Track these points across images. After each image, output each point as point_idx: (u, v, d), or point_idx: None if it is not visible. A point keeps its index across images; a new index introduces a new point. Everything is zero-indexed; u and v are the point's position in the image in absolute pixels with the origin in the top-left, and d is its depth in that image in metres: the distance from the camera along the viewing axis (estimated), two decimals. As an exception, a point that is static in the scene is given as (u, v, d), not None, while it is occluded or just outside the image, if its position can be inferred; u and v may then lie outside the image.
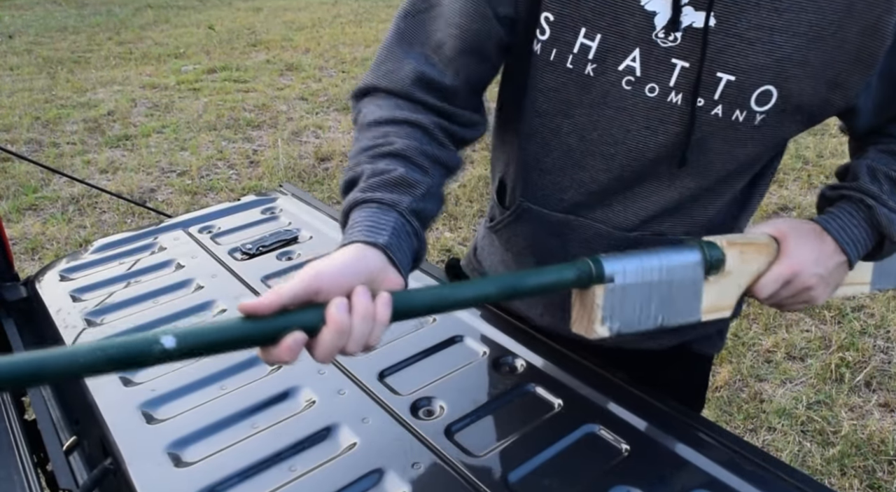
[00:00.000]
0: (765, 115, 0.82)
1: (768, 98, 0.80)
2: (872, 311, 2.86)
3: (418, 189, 0.77)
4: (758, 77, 0.79)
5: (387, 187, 0.76)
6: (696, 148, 0.85)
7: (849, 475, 2.10)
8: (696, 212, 0.93)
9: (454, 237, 3.46)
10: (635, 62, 0.82)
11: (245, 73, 6.50)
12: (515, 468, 0.82)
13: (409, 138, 0.81)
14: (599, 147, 0.89)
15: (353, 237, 0.72)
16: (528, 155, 0.95)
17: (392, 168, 0.77)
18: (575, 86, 0.85)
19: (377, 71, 0.88)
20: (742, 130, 0.83)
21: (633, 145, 0.87)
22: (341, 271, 0.67)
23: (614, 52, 0.82)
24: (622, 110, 0.85)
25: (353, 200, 0.76)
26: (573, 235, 0.97)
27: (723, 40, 0.78)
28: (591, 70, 0.84)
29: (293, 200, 1.59)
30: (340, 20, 8.93)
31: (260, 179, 4.26)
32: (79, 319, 1.16)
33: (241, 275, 1.27)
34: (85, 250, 1.42)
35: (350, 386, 0.97)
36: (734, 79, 0.79)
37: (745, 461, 0.82)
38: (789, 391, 2.44)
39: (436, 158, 0.82)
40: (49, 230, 3.62)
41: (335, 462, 0.84)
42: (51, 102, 5.67)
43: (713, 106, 0.81)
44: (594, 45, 0.82)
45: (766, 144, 0.86)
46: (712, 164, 0.87)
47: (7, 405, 1.06)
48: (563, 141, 0.91)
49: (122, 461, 0.86)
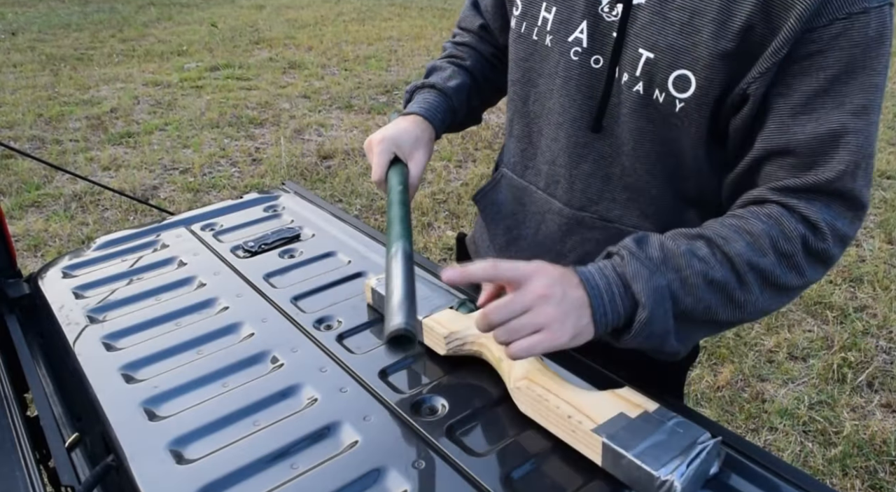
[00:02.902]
0: (684, 103, 0.82)
1: (687, 84, 0.81)
2: (875, 311, 2.85)
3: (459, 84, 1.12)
4: (674, 58, 0.80)
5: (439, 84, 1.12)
6: (616, 121, 0.89)
7: (850, 476, 2.10)
8: (642, 202, 0.94)
9: (456, 235, 3.46)
10: (583, 34, 0.87)
11: (248, 71, 6.51)
12: (517, 467, 0.82)
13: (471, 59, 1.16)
14: (553, 116, 0.94)
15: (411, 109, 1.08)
16: (508, 123, 1.06)
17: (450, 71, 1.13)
18: (538, 56, 0.93)
19: (461, 16, 1.21)
20: (661, 112, 0.84)
21: (576, 115, 0.91)
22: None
23: (566, 24, 0.88)
24: (569, 80, 0.90)
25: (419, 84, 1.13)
26: (531, 206, 1.02)
27: (648, 17, 0.81)
28: (549, 41, 0.91)
29: (295, 197, 1.59)
30: (343, 18, 8.93)
31: (262, 176, 4.26)
32: (81, 315, 1.16)
33: (244, 272, 1.27)
34: (87, 247, 1.42)
35: (352, 384, 0.97)
36: (653, 57, 0.82)
37: (746, 461, 0.82)
38: (791, 391, 2.44)
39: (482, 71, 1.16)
40: (52, 227, 3.62)
41: (337, 460, 0.84)
42: (54, 99, 5.68)
43: (635, 82, 0.84)
44: (551, 17, 0.90)
45: (689, 136, 0.85)
46: (634, 141, 0.88)
47: (9, 402, 1.06)
48: (529, 109, 0.98)
49: (125, 458, 0.86)
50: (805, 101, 0.77)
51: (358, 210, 3.85)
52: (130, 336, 1.11)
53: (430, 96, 1.10)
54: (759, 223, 0.80)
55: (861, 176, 0.79)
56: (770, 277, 0.80)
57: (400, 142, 1.03)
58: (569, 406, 0.83)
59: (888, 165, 4.16)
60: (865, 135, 0.78)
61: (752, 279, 0.80)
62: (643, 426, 0.79)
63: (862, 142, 0.78)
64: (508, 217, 1.09)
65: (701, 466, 0.75)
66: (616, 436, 0.77)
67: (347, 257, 1.32)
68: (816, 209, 0.80)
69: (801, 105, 0.78)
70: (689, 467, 0.74)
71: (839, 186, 0.79)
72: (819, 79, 0.76)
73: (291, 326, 1.11)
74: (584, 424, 0.80)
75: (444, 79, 1.12)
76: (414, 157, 1.03)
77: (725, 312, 0.81)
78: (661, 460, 0.74)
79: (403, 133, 1.04)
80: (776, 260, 0.80)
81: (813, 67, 0.76)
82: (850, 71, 0.76)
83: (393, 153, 1.03)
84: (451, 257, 3.29)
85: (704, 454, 0.75)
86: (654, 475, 0.73)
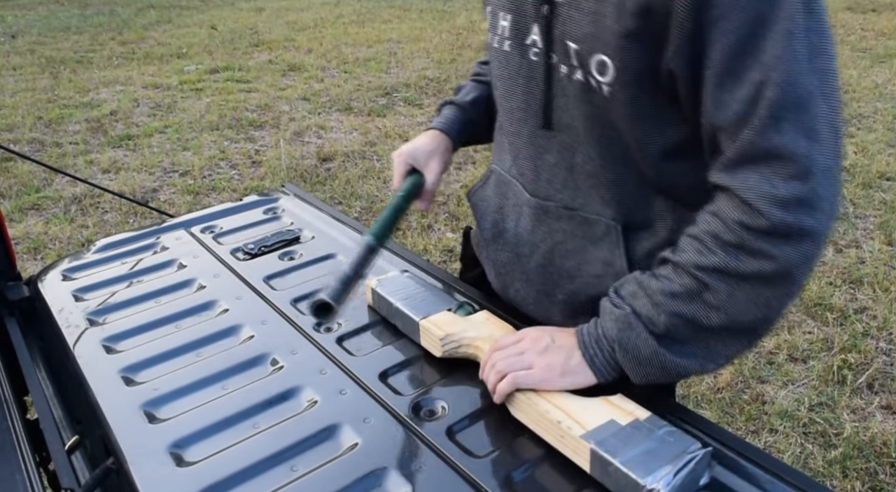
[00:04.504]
0: (609, 86, 0.84)
1: (606, 68, 0.84)
2: (875, 313, 2.85)
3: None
4: (591, 45, 0.84)
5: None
6: (569, 111, 0.93)
7: (851, 478, 2.10)
8: (602, 189, 0.95)
9: (455, 238, 3.46)
10: (537, 35, 0.92)
11: (247, 74, 6.51)
12: (518, 469, 0.82)
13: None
14: (517, 113, 1.01)
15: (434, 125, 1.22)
16: (497, 121, 1.13)
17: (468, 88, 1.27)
18: (505, 61, 1.00)
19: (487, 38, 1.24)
20: (599, 97, 0.87)
21: (537, 110, 0.97)
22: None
23: (522, 30, 0.94)
24: (531, 81, 0.96)
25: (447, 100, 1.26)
26: (513, 199, 1.08)
27: (567, 12, 0.86)
28: (507, 46, 0.98)
29: (295, 200, 1.59)
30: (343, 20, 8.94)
31: (262, 179, 4.26)
32: (81, 318, 1.16)
33: (243, 275, 1.27)
34: (87, 250, 1.42)
35: (352, 386, 0.97)
36: (577, 47, 0.86)
37: (746, 463, 0.82)
38: (791, 393, 2.44)
39: None
40: (51, 230, 3.62)
41: (337, 462, 0.84)
42: (53, 102, 5.68)
43: (574, 71, 0.89)
44: (508, 24, 0.96)
45: (622, 118, 0.87)
46: (585, 128, 0.92)
47: (9, 405, 1.06)
48: (505, 106, 1.05)
49: (124, 461, 0.86)
50: (726, 69, 0.75)
51: (358, 212, 3.85)
52: (130, 339, 1.11)
53: (449, 112, 1.24)
54: (703, 223, 0.82)
55: (787, 129, 0.74)
56: (728, 270, 0.79)
57: (416, 154, 1.17)
58: (559, 411, 0.83)
59: (888, 167, 4.17)
60: (788, 84, 0.73)
61: (710, 280, 0.80)
62: (633, 434, 0.79)
63: (781, 93, 0.73)
64: (495, 211, 1.13)
65: (689, 475, 0.75)
66: (605, 443, 0.77)
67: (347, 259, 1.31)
68: (750, 184, 0.77)
69: (724, 74, 0.76)
70: (677, 476, 0.74)
71: (764, 145, 0.75)
72: (731, 42, 0.74)
73: (291, 328, 1.11)
74: (573, 429, 0.80)
75: (464, 95, 1.25)
76: (429, 166, 1.17)
77: (710, 318, 0.82)
78: (649, 469, 0.74)
79: (420, 146, 1.18)
80: (726, 254, 0.79)
81: (721, 33, 0.74)
82: (758, 26, 0.73)
83: (410, 165, 1.17)
84: (450, 259, 3.29)
85: (693, 464, 0.75)
86: (639, 484, 0.73)
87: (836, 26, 7.61)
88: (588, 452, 0.78)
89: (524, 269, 1.08)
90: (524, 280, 1.09)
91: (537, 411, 0.84)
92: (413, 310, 1.05)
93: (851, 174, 4.11)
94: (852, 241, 3.42)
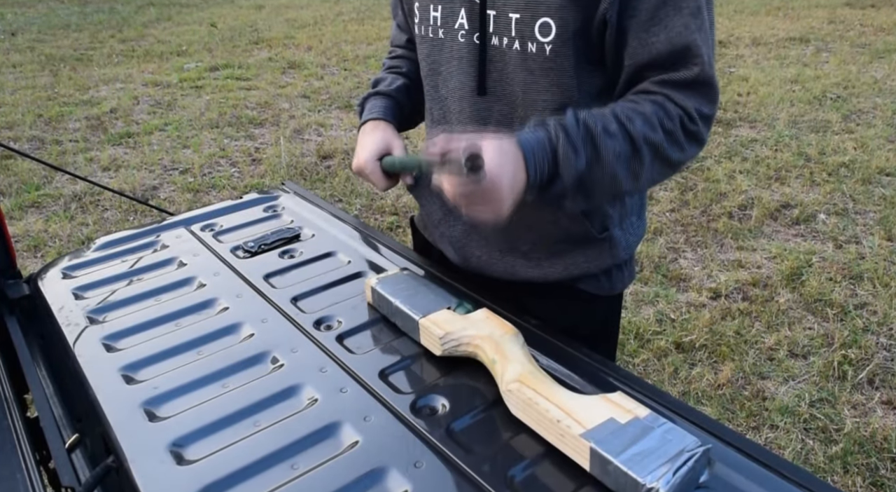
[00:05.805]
0: (552, 44, 0.99)
1: (549, 29, 0.99)
2: (875, 308, 2.85)
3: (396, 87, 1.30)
4: (534, 11, 0.98)
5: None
6: (506, 81, 1.05)
7: (852, 473, 2.10)
8: None
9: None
10: (464, 19, 1.06)
11: (247, 71, 6.51)
12: (518, 467, 0.82)
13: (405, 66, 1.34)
14: (456, 92, 1.11)
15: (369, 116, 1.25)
16: (428, 113, 1.23)
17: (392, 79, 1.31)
18: (437, 48, 1.12)
19: (391, 36, 1.42)
20: (537, 61, 1.01)
21: (473, 85, 1.08)
22: None
23: (451, 16, 1.08)
24: (462, 59, 1.08)
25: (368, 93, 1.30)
26: None
27: None
28: (441, 34, 1.11)
29: (295, 198, 1.59)
30: (342, 18, 8.93)
31: (262, 176, 4.26)
32: (81, 316, 1.16)
33: (244, 273, 1.27)
34: (87, 248, 1.42)
35: (352, 384, 0.97)
36: (519, 16, 1.00)
37: (747, 459, 0.82)
38: (792, 389, 2.44)
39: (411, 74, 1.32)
40: (51, 228, 3.62)
41: (337, 460, 0.84)
42: (53, 100, 5.68)
43: (512, 43, 1.02)
44: (439, 14, 1.10)
45: (566, 71, 1.01)
46: (524, 93, 1.04)
47: (9, 403, 1.06)
48: (440, 95, 1.16)
49: (125, 459, 0.86)
50: (650, 16, 0.95)
51: (358, 210, 3.85)
52: (130, 337, 1.11)
53: (379, 101, 1.28)
54: (649, 105, 0.98)
55: (710, 64, 0.99)
56: (660, 150, 0.98)
57: (379, 148, 1.18)
58: (558, 410, 0.83)
59: (887, 163, 4.16)
60: (706, 30, 0.98)
61: (646, 153, 0.97)
62: (632, 432, 0.79)
63: (705, 37, 0.98)
64: (440, 193, 1.14)
65: (689, 473, 0.75)
66: (604, 441, 0.77)
67: (347, 257, 1.32)
68: (687, 98, 0.99)
69: (649, 20, 0.96)
70: (676, 474, 0.74)
71: (702, 77, 0.98)
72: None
73: (291, 326, 1.11)
74: (572, 428, 0.80)
75: (387, 85, 1.31)
76: (394, 146, 1.19)
77: (626, 182, 0.99)
78: (648, 467, 0.74)
79: (375, 141, 1.19)
80: (664, 137, 0.98)
81: None
82: None
83: (380, 156, 1.18)
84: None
85: (692, 462, 0.75)
86: (639, 482, 0.73)
87: (836, 22, 7.60)
88: (587, 450, 0.78)
89: (482, 234, 1.18)
90: (484, 245, 1.19)
91: (537, 409, 0.84)
92: (413, 308, 1.05)
93: (851, 170, 4.11)
94: (852, 236, 3.42)
